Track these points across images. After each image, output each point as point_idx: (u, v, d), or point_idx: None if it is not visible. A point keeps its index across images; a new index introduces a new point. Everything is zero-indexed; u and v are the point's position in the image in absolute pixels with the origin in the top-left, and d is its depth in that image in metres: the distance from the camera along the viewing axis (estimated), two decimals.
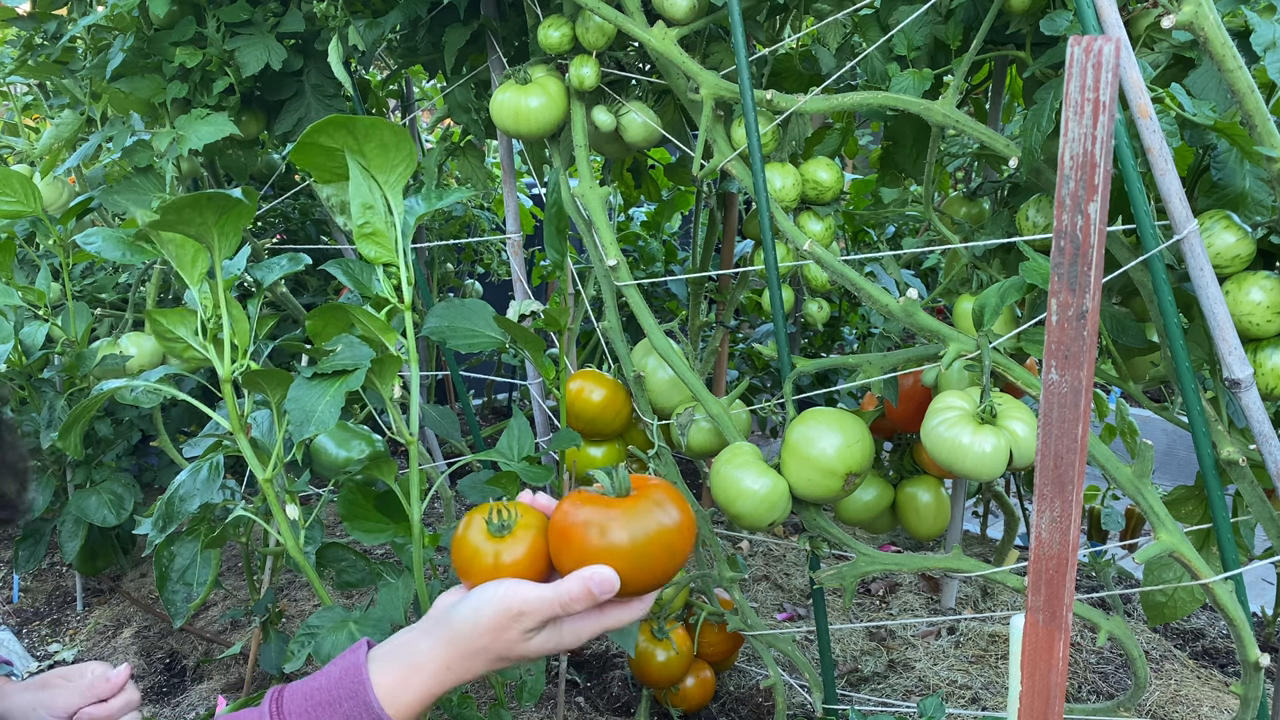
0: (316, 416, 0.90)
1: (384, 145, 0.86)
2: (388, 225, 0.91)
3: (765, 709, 1.88)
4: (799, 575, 2.45)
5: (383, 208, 0.90)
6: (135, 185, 1.81)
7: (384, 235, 0.91)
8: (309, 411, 0.90)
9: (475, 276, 3.69)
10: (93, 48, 1.96)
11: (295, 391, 0.92)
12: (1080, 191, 0.59)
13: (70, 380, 1.81)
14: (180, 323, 0.95)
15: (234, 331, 0.96)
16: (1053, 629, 0.68)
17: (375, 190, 0.89)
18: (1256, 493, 1.19)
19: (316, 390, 0.92)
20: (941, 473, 1.61)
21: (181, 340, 0.96)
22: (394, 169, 0.88)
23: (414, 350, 0.94)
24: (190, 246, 0.92)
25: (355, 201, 0.89)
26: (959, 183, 3.06)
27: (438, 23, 1.81)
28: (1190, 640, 2.23)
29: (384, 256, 0.91)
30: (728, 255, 2.38)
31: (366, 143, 0.86)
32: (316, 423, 0.90)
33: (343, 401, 0.91)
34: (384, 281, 0.94)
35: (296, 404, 0.91)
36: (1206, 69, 1.15)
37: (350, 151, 0.87)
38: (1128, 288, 1.31)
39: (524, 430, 1.15)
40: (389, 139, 0.86)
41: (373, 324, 0.93)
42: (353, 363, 0.93)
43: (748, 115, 1.31)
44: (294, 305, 2.29)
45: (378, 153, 0.87)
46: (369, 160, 0.88)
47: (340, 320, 0.95)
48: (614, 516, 0.77)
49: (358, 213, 0.89)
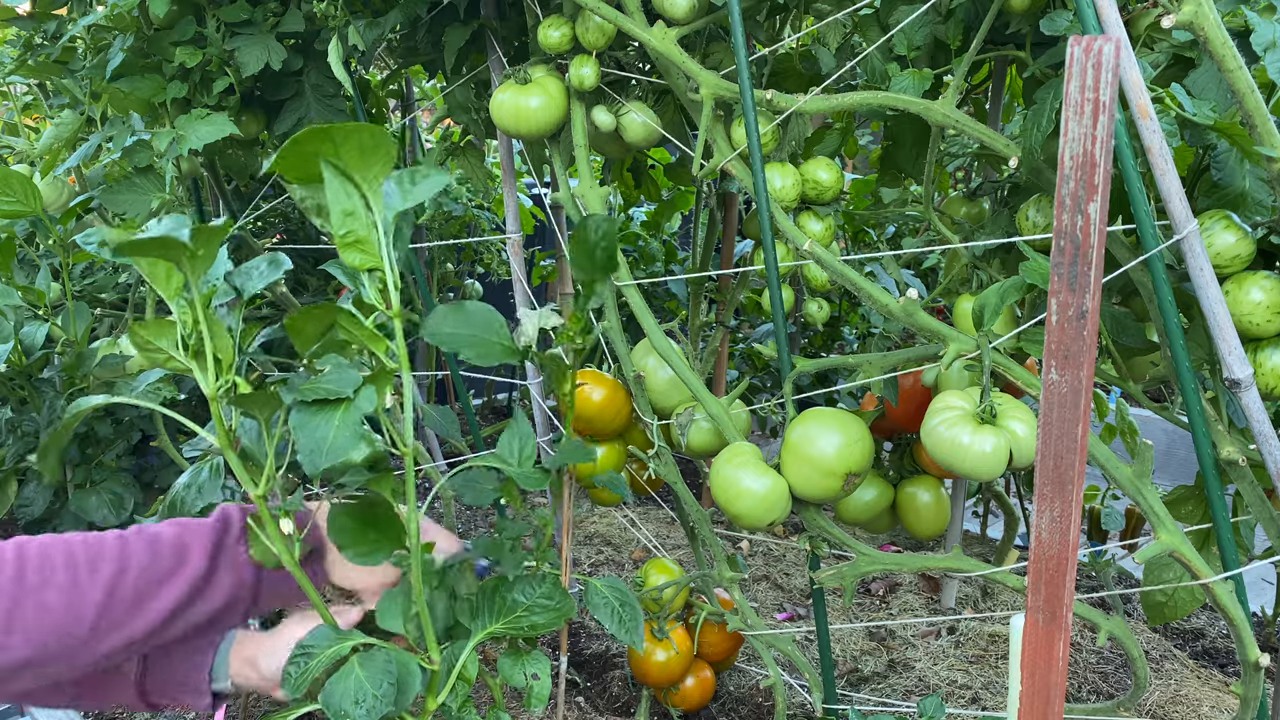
0: (329, 445, 0.86)
1: (363, 148, 0.83)
2: (369, 228, 0.88)
3: (765, 709, 1.88)
4: (799, 575, 2.45)
5: (363, 210, 0.87)
6: (135, 185, 1.81)
7: (367, 241, 0.88)
8: (320, 440, 0.86)
9: (475, 276, 3.69)
10: (93, 48, 1.96)
11: (299, 419, 0.88)
12: (1080, 191, 0.59)
13: (70, 380, 1.81)
14: (162, 335, 0.92)
15: (216, 346, 0.93)
16: (1053, 629, 0.68)
17: (354, 193, 0.86)
18: (1256, 493, 1.19)
19: (323, 417, 0.88)
20: (941, 473, 1.61)
21: (164, 352, 0.93)
22: (371, 167, 0.85)
23: (405, 358, 0.92)
24: (162, 264, 0.89)
25: (335, 210, 0.86)
26: (959, 183, 3.05)
27: (438, 23, 1.81)
28: (1190, 640, 2.23)
29: (369, 262, 0.88)
30: (728, 255, 2.38)
31: (344, 146, 0.83)
32: (331, 452, 0.86)
33: (360, 426, 0.88)
34: (370, 288, 0.90)
35: (305, 434, 0.87)
36: (1206, 69, 1.15)
37: (327, 157, 0.84)
38: (1128, 288, 1.31)
39: (525, 433, 1.14)
40: (368, 141, 0.82)
41: (359, 331, 0.90)
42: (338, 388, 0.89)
43: (748, 115, 1.31)
44: (294, 305, 2.29)
45: (356, 155, 0.84)
46: (347, 163, 0.85)
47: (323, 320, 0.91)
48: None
49: (339, 221, 0.86)
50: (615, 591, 1.24)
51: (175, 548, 0.99)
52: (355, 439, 0.87)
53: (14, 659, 0.89)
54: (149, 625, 0.96)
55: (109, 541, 0.97)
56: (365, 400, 0.89)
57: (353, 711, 0.91)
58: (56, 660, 0.92)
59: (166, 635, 0.99)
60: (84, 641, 0.92)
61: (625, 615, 1.22)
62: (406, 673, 0.95)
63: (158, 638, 0.98)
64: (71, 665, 0.93)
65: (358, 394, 0.89)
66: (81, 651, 0.93)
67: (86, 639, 0.92)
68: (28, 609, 0.90)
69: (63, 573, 0.92)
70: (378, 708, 0.91)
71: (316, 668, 0.94)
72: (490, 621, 1.05)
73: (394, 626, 0.99)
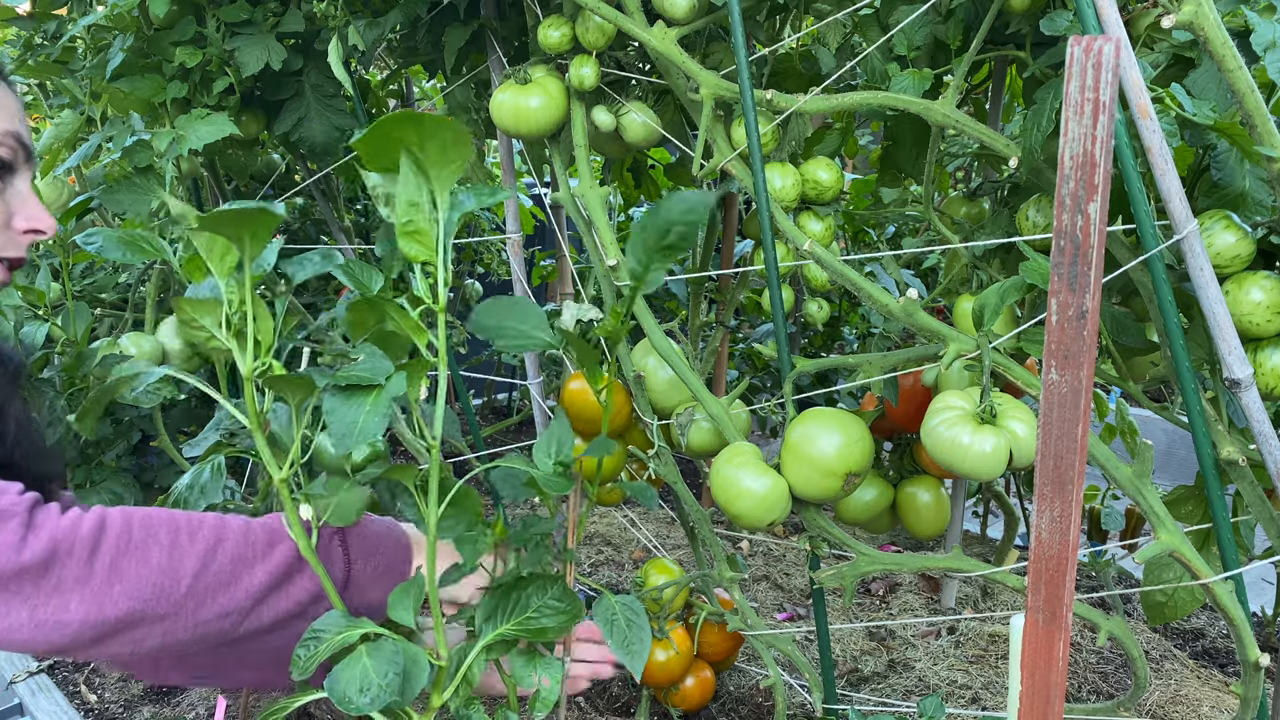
0: (359, 429, 0.89)
1: (444, 145, 0.85)
2: (430, 223, 0.90)
3: (765, 709, 1.88)
4: (799, 575, 2.45)
5: (428, 206, 0.90)
6: (135, 185, 1.81)
7: (426, 234, 0.90)
8: (351, 424, 0.89)
9: (475, 276, 3.69)
10: (93, 48, 1.96)
11: (331, 403, 0.91)
12: (1080, 191, 0.59)
13: (70, 380, 1.81)
14: (207, 312, 0.95)
15: (258, 328, 0.95)
16: (1053, 629, 0.68)
17: (424, 188, 0.88)
18: (1256, 493, 1.19)
19: (355, 402, 0.91)
20: (941, 473, 1.61)
21: (205, 330, 0.95)
22: (448, 165, 0.88)
23: (444, 353, 0.94)
24: (220, 241, 0.92)
25: (401, 199, 0.88)
26: (959, 183, 3.06)
27: (438, 23, 1.81)
28: (1190, 640, 2.23)
29: (424, 255, 0.91)
30: (728, 255, 2.38)
31: (429, 140, 0.85)
32: (360, 435, 0.89)
33: (387, 412, 0.90)
34: (420, 281, 0.93)
35: (337, 417, 0.90)
36: (1206, 69, 1.15)
37: (410, 145, 0.86)
38: (1128, 288, 1.31)
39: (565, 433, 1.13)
40: (449, 139, 0.85)
41: (405, 323, 0.92)
42: (370, 376, 0.92)
43: (748, 115, 1.31)
44: (294, 305, 2.29)
45: (437, 151, 0.86)
46: (427, 158, 0.87)
47: (377, 313, 0.94)
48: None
49: (403, 210, 0.88)
50: (626, 609, 1.20)
51: (268, 533, 1.03)
52: (384, 424, 0.90)
53: (114, 613, 0.93)
54: (241, 601, 1.00)
55: (207, 516, 1.02)
56: (395, 386, 0.91)
57: (356, 699, 0.91)
58: (153, 620, 0.95)
59: (260, 618, 1.02)
60: (180, 603, 0.96)
61: (632, 638, 1.18)
62: (414, 665, 0.95)
63: (252, 619, 1.02)
64: (169, 630, 0.97)
65: (389, 381, 0.92)
66: (178, 615, 0.96)
67: (183, 600, 0.96)
68: (131, 563, 0.94)
69: (164, 533, 0.97)
70: (381, 697, 0.91)
71: (325, 652, 0.94)
72: (502, 621, 1.04)
73: (404, 619, 0.99)
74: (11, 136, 1.11)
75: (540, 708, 1.06)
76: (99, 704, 2.00)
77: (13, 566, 0.89)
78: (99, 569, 0.93)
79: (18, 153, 1.13)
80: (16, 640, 0.91)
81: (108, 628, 0.93)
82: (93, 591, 0.92)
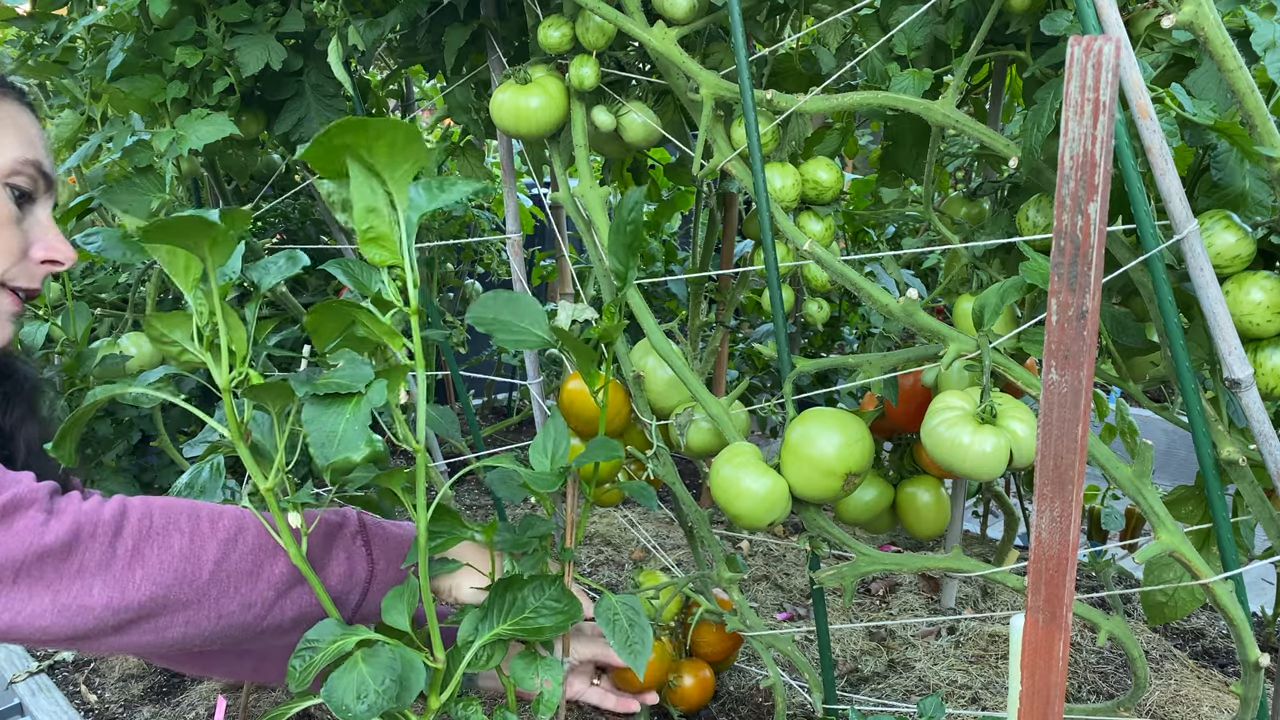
0: (340, 438, 0.88)
1: (393, 145, 0.85)
2: (391, 226, 0.89)
3: (765, 709, 1.88)
4: (799, 575, 2.45)
5: (386, 209, 0.88)
6: (135, 185, 1.81)
7: (388, 238, 0.89)
8: (330, 433, 0.88)
9: (475, 276, 3.69)
10: (93, 48, 1.96)
11: (311, 413, 0.90)
12: (1080, 191, 0.59)
13: (70, 380, 1.81)
14: (176, 327, 0.94)
15: (230, 338, 0.94)
16: (1053, 629, 0.68)
17: (379, 190, 0.87)
18: (1256, 493, 1.19)
19: (334, 411, 0.90)
20: (941, 473, 1.60)
21: (178, 344, 0.95)
22: (400, 166, 0.86)
23: (420, 356, 0.93)
24: (181, 254, 0.90)
25: (358, 206, 0.87)
26: (959, 183, 3.05)
27: (438, 23, 1.81)
28: (1190, 640, 2.23)
29: (389, 259, 0.90)
30: (728, 255, 2.38)
31: (376, 141, 0.84)
32: (341, 445, 0.88)
33: (368, 420, 0.89)
34: (389, 285, 0.92)
35: (316, 426, 0.89)
36: (1206, 69, 1.15)
37: (359, 151, 0.85)
38: (1128, 288, 1.31)
39: (561, 433, 1.12)
40: (399, 138, 0.84)
41: (377, 328, 0.91)
42: (350, 382, 0.90)
43: (748, 115, 1.31)
44: (294, 305, 2.29)
45: (386, 153, 0.85)
46: (377, 160, 0.86)
47: (341, 318, 0.93)
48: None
49: (360, 217, 0.87)
50: (628, 609, 1.19)
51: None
52: (365, 432, 0.89)
53: (137, 597, 0.93)
54: (264, 592, 1.00)
55: (228, 507, 1.02)
56: (376, 394, 0.91)
57: (354, 706, 0.91)
58: (176, 607, 0.95)
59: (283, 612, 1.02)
60: (203, 590, 0.96)
61: (634, 637, 1.18)
62: (410, 670, 0.95)
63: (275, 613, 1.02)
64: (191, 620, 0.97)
65: (369, 388, 0.91)
66: (201, 603, 0.96)
67: (205, 587, 0.96)
68: (153, 548, 0.94)
69: (186, 520, 0.97)
70: (379, 703, 0.91)
71: (321, 661, 0.94)
72: (498, 622, 1.04)
73: (398, 623, 0.99)
74: (31, 165, 1.10)
75: (544, 710, 1.05)
76: (99, 704, 2.00)
77: (36, 549, 0.89)
78: (121, 553, 0.92)
79: (38, 181, 1.11)
80: (40, 628, 0.90)
81: (130, 613, 0.93)
82: (115, 576, 0.92)
